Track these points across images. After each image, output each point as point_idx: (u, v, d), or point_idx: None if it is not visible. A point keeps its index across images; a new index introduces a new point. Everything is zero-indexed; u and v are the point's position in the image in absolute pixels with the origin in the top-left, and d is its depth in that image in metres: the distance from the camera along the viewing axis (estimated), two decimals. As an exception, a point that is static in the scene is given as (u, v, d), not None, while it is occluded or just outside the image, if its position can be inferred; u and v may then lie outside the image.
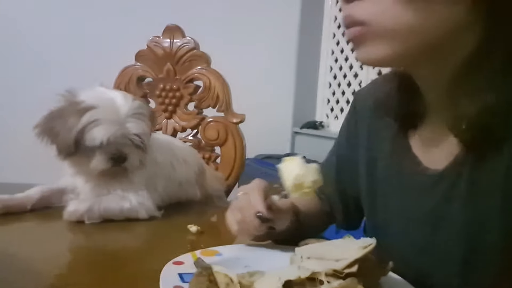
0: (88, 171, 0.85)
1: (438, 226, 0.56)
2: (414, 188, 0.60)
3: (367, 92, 0.73)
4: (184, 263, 0.55)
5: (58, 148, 0.83)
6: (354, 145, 0.72)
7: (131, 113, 0.85)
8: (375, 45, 0.49)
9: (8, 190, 0.85)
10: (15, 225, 0.80)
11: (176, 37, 1.28)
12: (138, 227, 0.84)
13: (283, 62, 2.66)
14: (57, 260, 0.65)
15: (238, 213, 0.64)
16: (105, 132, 0.81)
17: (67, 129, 0.81)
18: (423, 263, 0.58)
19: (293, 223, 0.68)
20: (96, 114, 0.81)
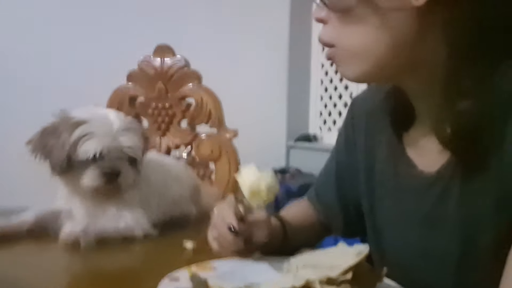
0: (81, 190, 0.84)
1: (433, 228, 0.57)
2: (409, 191, 0.60)
3: (364, 98, 0.74)
4: (179, 279, 0.55)
5: (51, 164, 0.83)
6: (352, 150, 0.73)
7: (123, 127, 0.85)
8: (347, 65, 0.54)
9: (2, 215, 0.84)
10: (12, 249, 0.80)
11: (166, 56, 1.30)
12: (134, 246, 0.84)
13: (274, 76, 2.69)
14: (55, 283, 0.65)
15: (215, 230, 0.66)
16: (97, 145, 0.81)
17: (59, 144, 0.81)
18: (419, 265, 0.59)
19: (277, 234, 0.68)
20: (89, 128, 0.82)
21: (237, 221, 0.62)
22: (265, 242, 0.65)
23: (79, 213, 0.87)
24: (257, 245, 0.65)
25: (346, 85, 2.46)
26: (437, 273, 0.57)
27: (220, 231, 0.64)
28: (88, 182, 0.83)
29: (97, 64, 2.20)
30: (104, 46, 2.25)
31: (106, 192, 0.85)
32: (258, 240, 0.65)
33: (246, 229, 0.62)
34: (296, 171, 2.47)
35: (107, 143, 0.82)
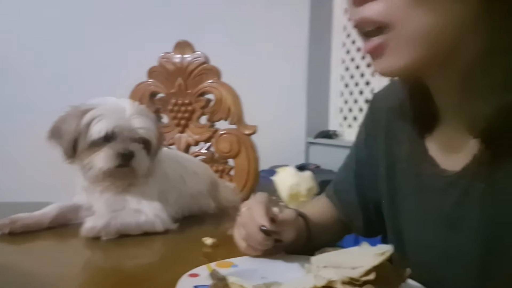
0: (96, 173, 0.83)
1: (455, 228, 0.55)
2: (431, 190, 0.59)
3: (384, 94, 0.72)
4: (199, 275, 0.55)
5: (64, 149, 0.84)
6: (372, 148, 0.71)
7: (135, 111, 0.86)
8: (396, 55, 0.46)
9: (25, 209, 0.86)
10: (33, 243, 0.81)
11: (186, 52, 1.30)
12: (153, 241, 0.84)
13: (294, 72, 2.67)
14: (75, 277, 0.66)
15: (243, 229, 0.64)
16: (109, 124, 0.81)
17: (70, 128, 0.82)
18: (441, 266, 0.57)
19: (302, 234, 0.68)
20: (99, 111, 0.83)
21: (268, 221, 0.61)
22: (292, 242, 0.65)
23: (98, 207, 0.88)
24: (285, 245, 0.65)
25: (368, 80, 2.43)
26: (459, 274, 0.55)
27: (249, 231, 0.63)
28: (101, 163, 0.82)
29: (118, 60, 2.22)
30: (125, 43, 2.28)
31: (120, 176, 0.85)
32: (286, 240, 0.64)
33: (277, 229, 0.61)
34: (315, 168, 2.45)
35: (119, 123, 0.82)
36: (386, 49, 0.47)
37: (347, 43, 2.62)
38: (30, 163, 2.11)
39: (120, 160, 0.83)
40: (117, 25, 2.30)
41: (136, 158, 0.84)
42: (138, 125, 0.85)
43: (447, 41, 0.46)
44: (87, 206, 0.90)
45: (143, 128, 0.85)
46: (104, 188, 0.88)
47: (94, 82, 2.14)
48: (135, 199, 0.87)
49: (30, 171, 2.12)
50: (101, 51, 2.25)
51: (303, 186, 0.56)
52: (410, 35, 0.45)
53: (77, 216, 0.90)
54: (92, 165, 0.83)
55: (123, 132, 0.83)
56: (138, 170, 0.86)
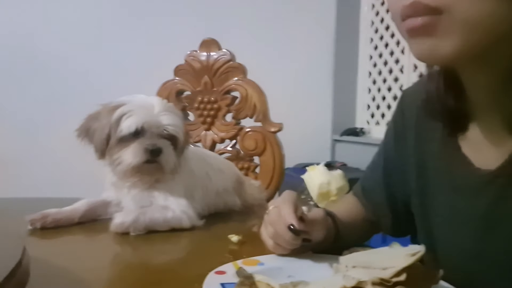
0: (124, 168, 0.85)
1: (490, 228, 0.53)
2: (465, 189, 0.56)
3: (414, 91, 0.69)
4: (226, 273, 0.55)
5: (94, 146, 0.87)
6: (402, 146, 0.69)
7: (163, 108, 0.88)
8: (446, 38, 0.42)
9: (56, 204, 0.88)
10: (64, 237, 0.83)
11: (212, 50, 1.30)
12: (180, 238, 0.85)
13: (320, 69, 2.64)
14: (105, 271, 0.67)
15: (271, 227, 0.63)
16: (138, 120, 0.84)
17: (101, 126, 0.85)
18: (474, 268, 0.55)
19: (331, 233, 0.66)
20: (129, 107, 0.85)
21: (297, 220, 0.60)
22: (320, 241, 0.64)
23: (127, 203, 0.90)
24: (313, 245, 0.64)
25: (396, 77, 2.37)
26: (493, 277, 0.53)
27: (278, 229, 0.62)
28: (129, 159, 0.84)
29: (145, 59, 2.25)
30: (151, 41, 2.31)
31: (148, 172, 0.86)
32: (315, 239, 0.63)
33: (306, 229, 0.61)
34: (341, 166, 2.42)
35: (148, 119, 0.84)
36: (436, 29, 0.43)
37: (375, 38, 2.57)
38: (61, 159, 2.18)
39: (148, 156, 0.84)
40: (144, 23, 2.34)
41: (164, 154, 0.86)
42: (166, 122, 0.87)
43: (500, 32, 0.43)
44: (115, 202, 0.92)
45: (171, 125, 0.87)
46: (132, 184, 0.89)
47: (122, 80, 2.19)
48: (162, 195, 0.88)
49: (61, 168, 2.18)
50: (128, 50, 2.29)
51: (334, 185, 0.55)
52: (463, 20, 0.42)
53: (106, 211, 0.92)
54: (121, 160, 0.85)
55: (151, 128, 0.85)
56: (166, 166, 0.87)
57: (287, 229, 0.60)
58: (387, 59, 2.47)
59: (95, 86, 2.14)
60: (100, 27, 2.30)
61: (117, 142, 0.85)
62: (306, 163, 2.44)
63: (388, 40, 2.44)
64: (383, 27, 2.47)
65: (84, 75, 2.25)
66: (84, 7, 2.28)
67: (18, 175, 2.13)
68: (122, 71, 2.24)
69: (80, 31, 2.27)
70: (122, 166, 0.85)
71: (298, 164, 2.45)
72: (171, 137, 0.88)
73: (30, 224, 0.83)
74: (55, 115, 2.18)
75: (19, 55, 2.18)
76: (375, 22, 2.55)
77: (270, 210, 0.65)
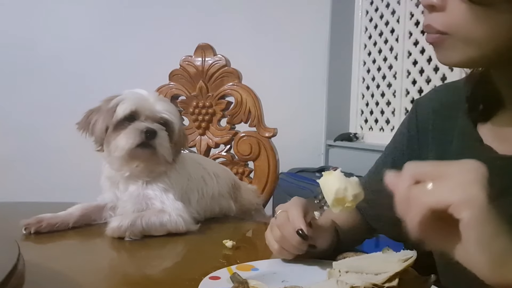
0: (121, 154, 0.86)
1: None
2: None
3: (429, 98, 0.74)
4: (220, 278, 0.55)
5: (95, 137, 0.90)
6: (414, 150, 0.72)
7: (157, 97, 0.92)
8: (453, 50, 0.53)
9: (51, 209, 0.88)
10: (59, 242, 0.83)
11: (207, 55, 1.31)
12: (175, 243, 0.85)
13: (314, 74, 2.66)
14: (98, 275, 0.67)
15: (278, 230, 0.63)
16: (132, 103, 0.87)
17: (100, 115, 0.89)
18: None
19: (334, 241, 0.67)
20: (124, 96, 0.89)
21: (306, 225, 0.60)
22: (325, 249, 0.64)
23: (123, 205, 0.90)
24: (318, 252, 0.64)
25: (389, 82, 2.39)
26: None
27: (285, 233, 0.62)
28: (124, 142, 0.86)
29: (140, 63, 2.25)
30: (146, 46, 2.31)
31: (143, 157, 0.87)
32: (320, 246, 0.64)
33: (313, 235, 0.61)
34: (335, 171, 2.43)
35: (142, 103, 0.88)
36: (444, 45, 0.53)
37: (369, 44, 2.59)
38: (57, 163, 2.17)
39: (143, 138, 0.86)
40: (138, 28, 2.34)
41: (158, 138, 0.87)
42: (160, 107, 0.90)
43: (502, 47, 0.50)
44: (110, 205, 0.92)
45: (165, 110, 0.90)
46: (128, 177, 0.90)
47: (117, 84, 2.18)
48: (158, 198, 0.88)
49: (57, 172, 2.17)
50: (124, 54, 2.29)
51: (350, 191, 0.54)
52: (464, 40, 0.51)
53: (100, 216, 0.92)
54: (117, 145, 0.87)
55: (145, 112, 0.88)
56: (160, 150, 0.88)
57: (295, 234, 0.60)
58: (380, 65, 2.49)
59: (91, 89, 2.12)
60: (96, 32, 2.29)
61: (113, 128, 0.87)
62: (300, 167, 2.44)
63: (381, 46, 2.46)
64: (377, 33, 2.49)
65: (80, 78, 2.24)
66: (80, 13, 2.28)
67: (13, 179, 2.11)
68: (117, 75, 2.23)
69: (78, 35, 2.26)
70: (118, 151, 0.87)
71: (292, 169, 2.46)
72: (165, 123, 0.90)
73: (24, 229, 0.82)
74: (50, 119, 2.17)
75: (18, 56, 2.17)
76: (368, 28, 2.57)
77: (278, 214, 0.65)
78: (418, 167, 0.42)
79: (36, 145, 2.18)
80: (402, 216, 0.42)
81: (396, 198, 0.42)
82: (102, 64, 2.28)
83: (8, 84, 2.19)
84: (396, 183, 0.43)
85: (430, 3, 0.52)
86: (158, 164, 0.89)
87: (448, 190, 0.39)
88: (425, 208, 0.40)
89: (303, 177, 2.27)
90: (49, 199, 1.08)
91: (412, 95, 2.22)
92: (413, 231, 0.41)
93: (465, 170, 0.40)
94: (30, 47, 2.19)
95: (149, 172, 0.90)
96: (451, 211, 0.39)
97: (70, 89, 2.23)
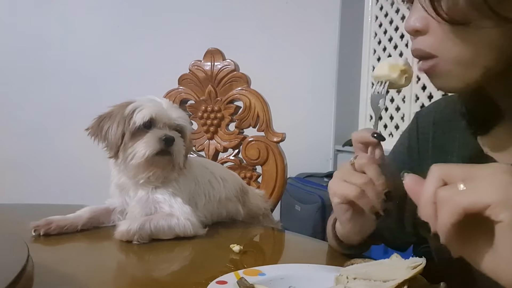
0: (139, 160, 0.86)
1: None
2: None
3: (430, 109, 0.74)
4: (227, 283, 0.55)
5: (109, 143, 0.89)
6: (415, 159, 0.72)
7: (170, 104, 0.93)
8: (447, 77, 0.53)
9: (60, 211, 0.89)
10: (67, 244, 0.84)
11: (216, 60, 1.32)
12: (182, 247, 0.85)
13: (323, 79, 2.65)
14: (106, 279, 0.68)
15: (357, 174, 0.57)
16: (151, 110, 0.88)
17: (115, 122, 0.88)
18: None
19: None
20: (140, 102, 0.89)
21: None
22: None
23: (132, 209, 0.90)
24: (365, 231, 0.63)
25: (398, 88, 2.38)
26: None
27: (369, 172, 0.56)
28: (144, 149, 0.86)
29: (149, 68, 2.27)
30: (156, 50, 2.32)
31: (160, 164, 0.88)
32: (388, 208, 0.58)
33: None
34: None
35: (159, 111, 0.89)
36: (436, 70, 0.53)
37: (378, 50, 2.58)
38: (66, 166, 2.19)
39: (162, 145, 0.86)
40: (148, 33, 2.36)
41: (176, 144, 0.88)
42: (175, 114, 0.91)
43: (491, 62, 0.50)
44: (119, 209, 0.93)
45: (180, 117, 0.91)
46: (140, 184, 0.90)
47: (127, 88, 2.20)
48: (167, 202, 0.89)
49: (66, 175, 2.19)
50: (132, 59, 2.31)
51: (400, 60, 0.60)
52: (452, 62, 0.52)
53: (109, 219, 0.93)
54: (136, 152, 0.87)
55: (162, 119, 0.89)
56: (177, 157, 0.89)
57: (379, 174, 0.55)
58: (390, 70, 2.48)
59: (101, 93, 2.15)
60: (106, 36, 2.32)
61: (130, 135, 0.87)
62: (308, 172, 2.44)
63: (391, 51, 2.45)
64: (386, 38, 2.49)
65: (91, 82, 2.27)
66: (91, 18, 2.30)
67: (23, 181, 2.14)
68: (127, 79, 2.25)
69: (88, 40, 2.28)
70: (137, 158, 0.86)
71: (300, 173, 2.45)
72: (180, 129, 0.91)
73: (33, 231, 0.83)
74: (61, 121, 2.19)
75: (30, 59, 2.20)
76: (378, 33, 2.57)
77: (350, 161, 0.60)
78: (447, 169, 0.40)
79: (45, 147, 2.20)
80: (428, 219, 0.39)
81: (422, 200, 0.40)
82: (112, 68, 2.30)
83: (19, 86, 2.21)
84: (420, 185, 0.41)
85: (414, 28, 0.53)
86: (173, 170, 0.91)
87: (484, 190, 0.37)
88: (460, 208, 0.37)
89: (311, 182, 2.27)
90: (58, 201, 1.08)
91: (421, 101, 2.20)
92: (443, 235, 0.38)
93: (499, 171, 0.38)
94: (42, 51, 2.22)
95: (163, 178, 0.91)
96: (489, 212, 0.36)
97: (80, 92, 2.25)
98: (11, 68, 2.17)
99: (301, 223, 2.08)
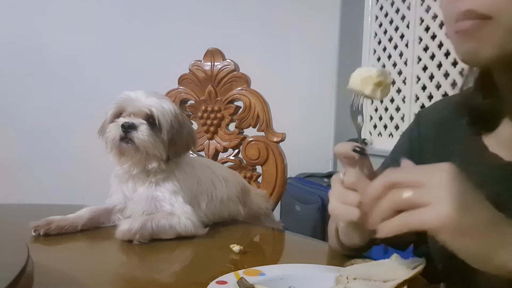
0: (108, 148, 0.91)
1: None
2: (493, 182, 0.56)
3: (431, 109, 0.74)
4: (227, 283, 0.55)
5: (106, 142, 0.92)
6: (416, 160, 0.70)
7: (147, 93, 0.93)
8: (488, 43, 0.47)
9: (60, 211, 0.89)
10: (68, 244, 0.83)
11: (216, 60, 1.32)
12: (182, 247, 0.85)
13: (323, 79, 2.65)
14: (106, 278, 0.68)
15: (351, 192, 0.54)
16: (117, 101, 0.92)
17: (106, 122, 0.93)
18: None
19: None
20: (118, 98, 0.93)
21: None
22: None
23: (132, 208, 0.90)
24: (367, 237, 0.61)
25: (399, 88, 2.38)
26: None
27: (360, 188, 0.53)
28: (108, 137, 0.90)
29: (150, 67, 2.27)
30: (156, 50, 2.32)
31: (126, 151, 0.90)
32: None
33: None
34: (343, 176, 2.42)
35: (123, 101, 0.91)
36: (480, 33, 0.47)
37: (378, 50, 2.58)
38: (66, 167, 2.19)
39: (121, 131, 0.88)
40: (148, 32, 2.36)
41: (137, 132, 0.88)
42: (144, 102, 0.91)
43: None
44: (119, 206, 0.93)
45: (148, 105, 0.90)
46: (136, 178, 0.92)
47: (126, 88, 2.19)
48: (167, 200, 0.89)
49: (66, 175, 2.19)
50: (132, 58, 2.31)
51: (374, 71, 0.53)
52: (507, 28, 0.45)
53: (109, 219, 0.93)
54: (106, 140, 0.91)
55: (128, 109, 0.91)
56: (138, 143, 0.88)
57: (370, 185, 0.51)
58: (390, 70, 2.48)
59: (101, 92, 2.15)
60: (106, 36, 2.32)
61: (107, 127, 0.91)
62: (308, 173, 2.44)
63: (391, 51, 2.45)
64: (387, 38, 2.49)
65: (91, 81, 2.26)
66: (91, 17, 2.30)
67: (23, 181, 2.14)
68: (128, 78, 2.24)
69: (89, 39, 2.28)
70: (107, 147, 0.91)
71: (300, 173, 2.45)
72: (148, 117, 0.90)
73: (33, 231, 0.83)
74: (61, 121, 2.19)
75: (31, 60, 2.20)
76: (378, 34, 2.57)
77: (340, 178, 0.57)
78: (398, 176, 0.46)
79: (45, 147, 2.20)
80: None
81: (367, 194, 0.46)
82: (113, 68, 2.30)
83: (21, 87, 2.21)
84: None
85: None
86: (148, 160, 0.90)
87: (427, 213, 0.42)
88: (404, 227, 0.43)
89: (311, 182, 2.27)
90: (58, 201, 1.08)
91: (421, 101, 2.20)
92: None
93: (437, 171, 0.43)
94: (42, 51, 2.22)
95: (142, 168, 0.91)
96: None
97: (81, 92, 2.25)
98: (11, 68, 2.17)
99: (301, 223, 2.08)
